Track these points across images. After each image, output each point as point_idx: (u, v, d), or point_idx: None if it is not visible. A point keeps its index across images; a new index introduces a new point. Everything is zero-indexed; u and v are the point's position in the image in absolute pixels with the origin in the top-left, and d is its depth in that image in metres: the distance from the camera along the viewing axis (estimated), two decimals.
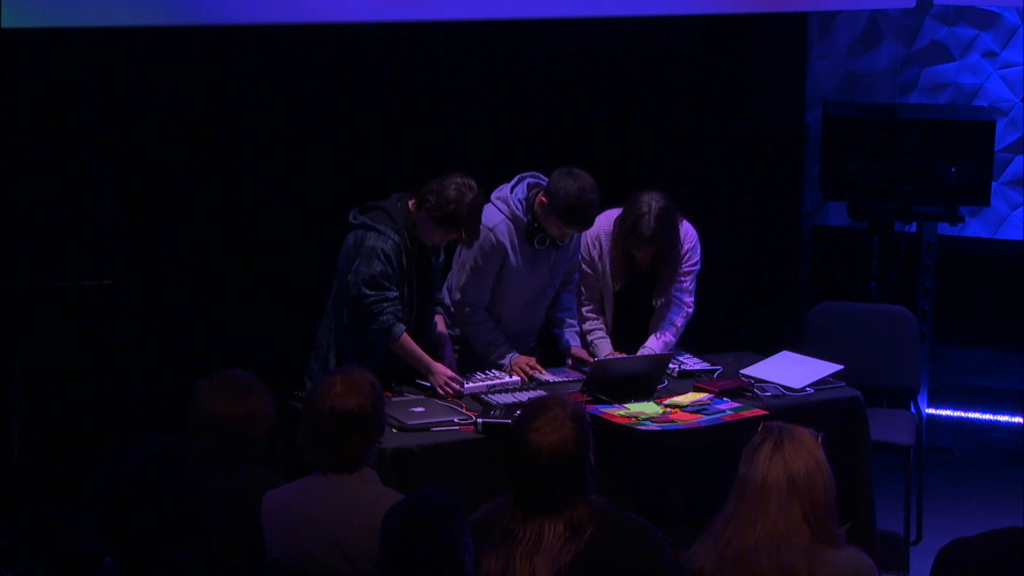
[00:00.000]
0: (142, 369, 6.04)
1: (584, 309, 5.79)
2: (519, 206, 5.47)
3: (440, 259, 5.46)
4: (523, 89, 6.97)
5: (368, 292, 5.15)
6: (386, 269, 5.15)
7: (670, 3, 6.77)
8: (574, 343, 5.74)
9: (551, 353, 5.77)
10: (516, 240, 5.49)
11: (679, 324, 5.77)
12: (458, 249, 5.56)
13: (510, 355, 5.53)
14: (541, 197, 5.42)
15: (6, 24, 4.63)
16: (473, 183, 5.21)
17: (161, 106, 6.02)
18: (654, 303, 5.76)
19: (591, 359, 5.61)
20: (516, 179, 5.55)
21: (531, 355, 5.63)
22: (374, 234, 5.16)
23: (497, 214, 5.48)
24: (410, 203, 5.24)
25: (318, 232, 5.88)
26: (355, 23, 5.98)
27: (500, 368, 5.49)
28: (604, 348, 5.72)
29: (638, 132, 7.30)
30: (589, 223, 5.48)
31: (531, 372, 5.47)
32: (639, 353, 5.63)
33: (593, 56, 7.13)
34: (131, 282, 5.85)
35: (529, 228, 5.48)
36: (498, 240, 5.46)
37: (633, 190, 5.61)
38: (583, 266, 5.76)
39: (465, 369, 5.45)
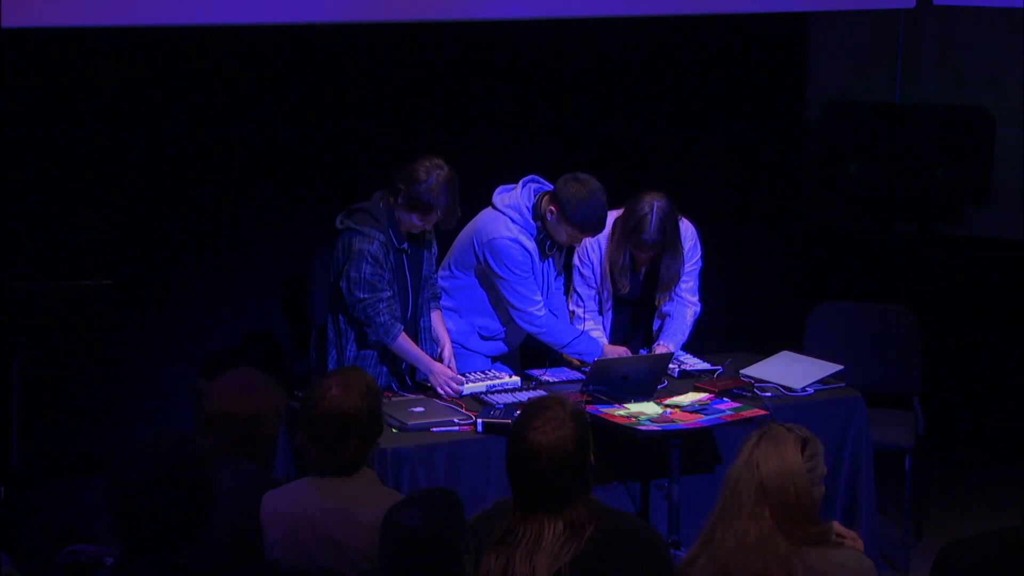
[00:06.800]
0: (142, 369, 6.04)
1: (582, 310, 5.78)
2: (529, 213, 5.45)
3: (434, 251, 5.43)
4: (521, 90, 6.96)
5: (362, 296, 5.14)
6: (376, 270, 5.14)
7: (671, 3, 6.76)
8: None
9: (543, 355, 5.77)
10: (534, 247, 5.47)
11: (690, 323, 5.77)
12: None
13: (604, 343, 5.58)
14: (550, 206, 5.38)
15: (6, 24, 4.62)
16: (441, 161, 5.15)
17: (160, 106, 6.02)
18: (658, 303, 5.75)
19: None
20: (520, 184, 5.50)
21: (514, 355, 5.68)
22: (359, 237, 5.15)
23: (512, 224, 5.42)
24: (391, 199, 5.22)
25: (319, 232, 5.87)
26: (354, 23, 5.98)
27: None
28: None
29: (637, 132, 7.30)
30: (602, 227, 5.46)
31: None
32: (655, 353, 5.63)
33: (592, 56, 7.12)
34: (131, 282, 5.85)
35: (539, 235, 5.46)
36: (524, 247, 5.42)
37: (632, 191, 5.61)
38: (581, 269, 5.75)
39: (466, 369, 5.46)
